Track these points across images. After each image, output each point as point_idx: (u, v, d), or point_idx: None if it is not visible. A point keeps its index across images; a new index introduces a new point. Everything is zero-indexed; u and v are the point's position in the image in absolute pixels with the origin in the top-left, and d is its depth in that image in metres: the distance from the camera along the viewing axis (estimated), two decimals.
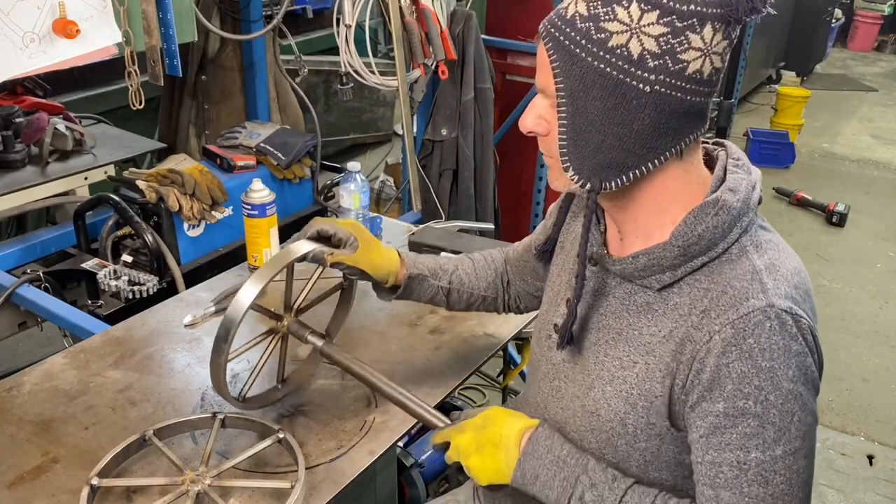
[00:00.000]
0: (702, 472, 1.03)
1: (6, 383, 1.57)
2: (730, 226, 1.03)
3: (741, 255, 1.04)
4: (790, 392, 0.98)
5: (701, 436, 1.02)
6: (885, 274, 4.36)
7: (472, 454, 1.15)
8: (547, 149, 1.10)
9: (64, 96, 3.17)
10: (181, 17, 1.89)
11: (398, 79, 2.67)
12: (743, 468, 0.99)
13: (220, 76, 2.93)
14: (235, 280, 1.97)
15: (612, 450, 1.12)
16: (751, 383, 0.97)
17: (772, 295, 0.99)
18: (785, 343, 0.98)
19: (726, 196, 1.04)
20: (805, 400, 1.00)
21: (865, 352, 3.62)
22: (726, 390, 0.98)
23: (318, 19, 4.06)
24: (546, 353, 1.24)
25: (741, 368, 0.98)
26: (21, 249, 2.19)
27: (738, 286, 1.01)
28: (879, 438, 3.09)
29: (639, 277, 1.09)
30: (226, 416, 1.41)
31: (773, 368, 0.97)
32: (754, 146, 5.75)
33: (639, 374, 1.07)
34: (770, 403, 0.98)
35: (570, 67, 0.99)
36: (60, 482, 1.31)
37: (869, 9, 9.14)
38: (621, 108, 0.98)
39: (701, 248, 1.03)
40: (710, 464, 1.01)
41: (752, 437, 0.98)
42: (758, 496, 0.99)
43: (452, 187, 3.18)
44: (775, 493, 0.99)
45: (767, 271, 1.02)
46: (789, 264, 1.05)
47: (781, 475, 0.99)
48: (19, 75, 1.67)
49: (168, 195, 2.05)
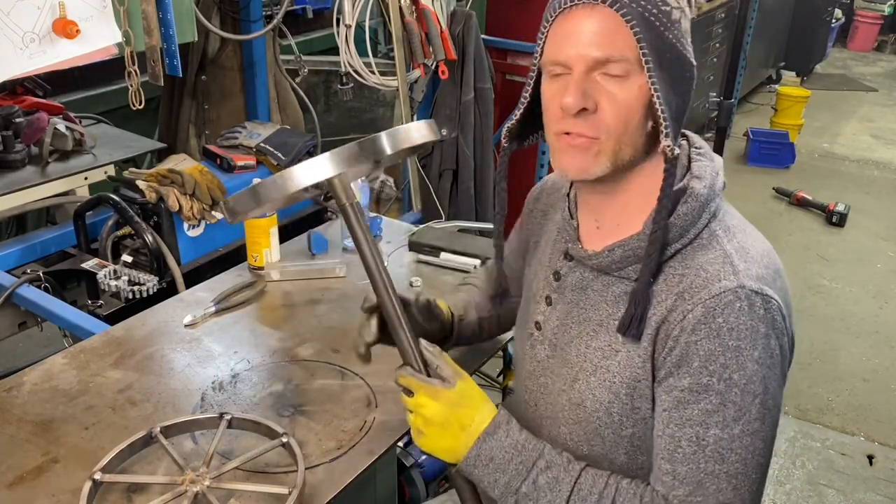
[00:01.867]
0: (661, 445, 1.05)
1: (6, 383, 1.57)
2: (699, 212, 1.06)
3: (711, 240, 1.06)
4: (754, 373, 1.00)
5: (664, 409, 1.05)
6: (885, 274, 4.36)
7: (434, 425, 1.12)
8: (593, 127, 1.01)
9: (64, 96, 3.17)
10: (181, 17, 1.89)
11: (398, 79, 2.67)
12: (701, 444, 1.01)
13: (220, 76, 2.93)
14: (235, 280, 1.97)
15: (601, 440, 1.13)
16: (716, 361, 1.00)
17: (742, 276, 1.01)
18: (753, 324, 1.00)
19: (693, 183, 1.06)
20: (768, 383, 1.02)
21: (865, 352, 3.62)
22: (693, 366, 1.01)
23: (318, 19, 4.05)
24: (529, 352, 1.25)
25: (708, 346, 1.00)
26: (21, 249, 2.19)
27: (710, 269, 1.03)
28: (879, 438, 3.09)
29: (616, 269, 1.10)
30: (233, 417, 1.41)
31: (739, 348, 0.99)
32: (754, 146, 5.75)
33: (621, 361, 1.09)
34: (733, 382, 1.00)
35: (649, 33, 0.98)
36: (60, 482, 1.31)
37: (869, 9, 9.14)
38: (681, 80, 1.02)
39: (674, 236, 1.05)
40: (670, 437, 1.04)
41: (713, 414, 1.01)
42: (713, 472, 1.01)
43: (452, 187, 3.18)
44: (730, 472, 1.01)
45: (737, 254, 1.04)
46: (758, 246, 1.08)
47: (738, 454, 1.01)
48: (19, 75, 1.67)
49: (168, 195, 2.05)
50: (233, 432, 1.42)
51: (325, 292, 1.94)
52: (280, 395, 1.55)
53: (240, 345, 1.71)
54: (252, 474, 1.33)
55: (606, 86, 1.00)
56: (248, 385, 1.58)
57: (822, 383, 3.38)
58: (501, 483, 1.09)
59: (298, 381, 1.59)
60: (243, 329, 1.78)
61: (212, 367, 1.63)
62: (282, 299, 1.92)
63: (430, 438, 1.13)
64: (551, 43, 1.03)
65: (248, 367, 1.63)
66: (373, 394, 1.54)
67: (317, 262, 2.06)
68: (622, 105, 1.00)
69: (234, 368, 1.62)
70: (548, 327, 1.21)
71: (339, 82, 2.76)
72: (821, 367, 3.47)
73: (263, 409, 1.50)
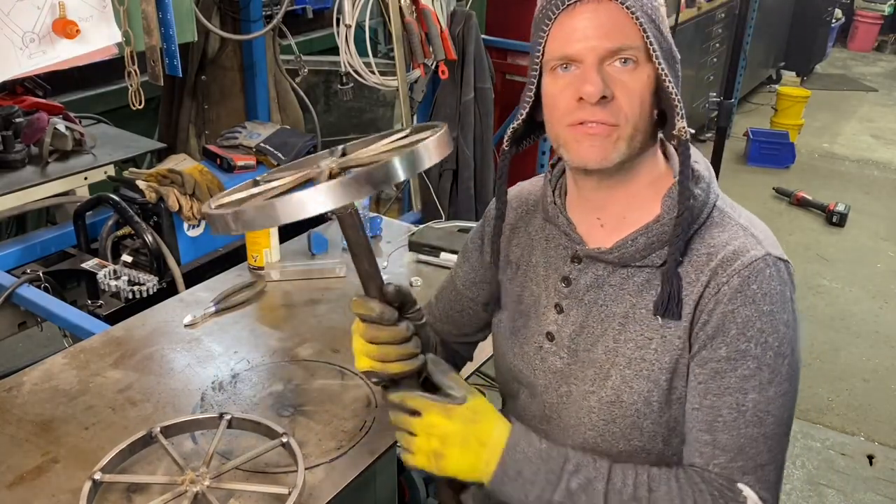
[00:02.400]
0: (698, 418, 1.07)
1: (6, 383, 1.57)
2: (707, 193, 1.11)
3: (723, 218, 1.11)
4: (784, 335, 1.04)
5: (700, 382, 1.06)
6: (885, 274, 4.36)
7: (453, 446, 1.08)
8: (612, 114, 1.04)
9: (64, 96, 3.17)
10: (181, 17, 1.89)
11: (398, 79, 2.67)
12: (741, 410, 1.04)
13: (220, 76, 2.93)
14: (235, 280, 1.97)
15: (639, 432, 1.13)
16: (753, 326, 1.03)
17: (766, 245, 1.07)
18: (781, 289, 1.05)
19: (696, 167, 1.12)
20: (794, 345, 1.06)
21: (865, 352, 3.62)
22: (730, 335, 1.04)
23: (318, 19, 4.05)
24: (540, 366, 1.22)
25: (745, 313, 1.03)
26: (21, 249, 2.19)
27: (736, 243, 1.07)
28: (879, 438, 3.09)
29: (639, 259, 1.11)
30: (232, 417, 1.41)
31: (772, 312, 1.04)
32: (754, 146, 5.74)
33: (657, 348, 1.09)
34: (768, 346, 1.04)
35: (651, 26, 1.03)
36: (60, 482, 1.31)
37: (869, 9, 9.14)
38: (675, 69, 1.06)
39: (693, 216, 1.09)
40: (709, 408, 1.05)
41: (750, 379, 1.04)
42: (752, 437, 1.04)
43: (452, 187, 3.18)
44: (767, 433, 1.05)
45: (752, 226, 1.10)
46: (756, 219, 1.15)
47: (774, 416, 1.05)
48: (19, 75, 1.67)
49: (168, 195, 2.05)
50: (233, 432, 1.42)
51: (325, 292, 1.94)
52: (280, 395, 1.55)
53: (240, 345, 1.71)
54: (252, 474, 1.33)
55: (618, 75, 1.03)
56: (248, 385, 1.58)
57: (822, 383, 3.38)
58: (533, 496, 1.07)
59: (298, 381, 1.59)
60: (243, 329, 1.78)
61: (212, 367, 1.63)
62: (282, 299, 1.92)
63: (452, 460, 1.09)
64: (555, 40, 1.05)
65: (248, 367, 1.63)
66: (373, 394, 1.54)
67: (317, 262, 2.07)
68: (635, 92, 1.04)
69: (234, 368, 1.62)
70: (563, 335, 1.19)
71: (339, 82, 2.76)
72: (821, 367, 3.47)
73: (263, 409, 1.50)
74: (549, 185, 1.23)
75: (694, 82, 5.63)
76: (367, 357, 1.11)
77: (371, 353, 1.11)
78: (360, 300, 1.09)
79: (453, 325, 1.42)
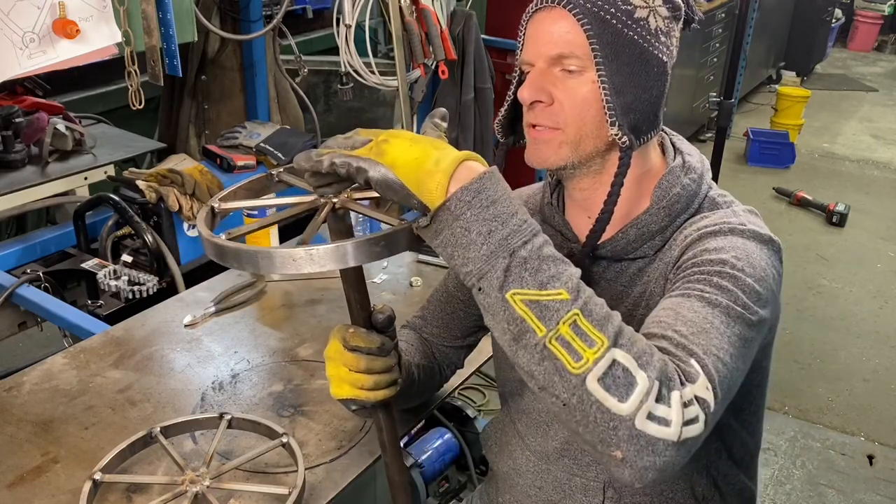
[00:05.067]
0: (667, 305, 0.97)
1: (6, 383, 1.57)
2: (698, 183, 1.14)
3: (713, 207, 1.14)
4: (765, 272, 1.01)
5: (680, 279, 1.01)
6: (885, 274, 4.36)
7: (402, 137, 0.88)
8: (550, 118, 1.07)
9: (64, 96, 3.17)
10: (181, 17, 1.89)
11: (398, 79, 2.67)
12: (712, 303, 0.95)
13: (220, 76, 2.93)
14: (235, 280, 1.97)
15: None
16: (733, 246, 1.02)
17: (745, 221, 1.08)
18: (758, 246, 1.04)
19: (688, 159, 1.15)
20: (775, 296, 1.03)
21: (865, 352, 3.61)
22: (707, 254, 1.02)
23: (318, 19, 4.05)
24: None
25: (722, 241, 1.03)
26: (21, 249, 2.19)
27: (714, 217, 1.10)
28: (879, 438, 3.09)
29: (631, 251, 1.13)
30: (232, 417, 1.41)
31: (747, 248, 1.02)
32: (754, 146, 5.74)
33: None
34: (746, 273, 0.98)
35: (603, 31, 1.04)
36: (60, 482, 1.31)
37: (869, 9, 9.13)
38: (644, 74, 1.07)
39: (682, 207, 1.12)
40: (680, 296, 0.97)
41: (725, 290, 0.96)
42: (718, 329, 0.93)
43: None
44: (731, 338, 0.93)
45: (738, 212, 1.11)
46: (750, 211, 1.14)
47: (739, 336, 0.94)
48: (19, 75, 1.67)
49: (168, 195, 2.05)
50: (233, 432, 1.42)
51: (325, 292, 1.94)
52: (280, 395, 1.55)
53: (240, 345, 1.71)
54: (252, 474, 1.33)
55: (564, 81, 1.06)
56: (248, 385, 1.58)
57: (822, 383, 3.38)
58: (497, 236, 0.83)
59: (298, 381, 1.59)
60: (243, 329, 1.78)
61: (212, 367, 1.63)
62: (282, 299, 1.92)
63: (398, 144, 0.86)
64: (524, 45, 1.12)
65: (248, 367, 1.63)
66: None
67: None
68: (577, 98, 1.06)
69: (234, 368, 1.62)
70: None
71: (339, 82, 2.76)
72: (821, 367, 3.47)
73: (263, 409, 1.50)
74: (549, 188, 1.25)
75: (694, 82, 5.63)
76: (354, 386, 1.09)
77: (362, 384, 1.09)
78: (357, 332, 1.07)
79: (444, 327, 1.41)
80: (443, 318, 1.41)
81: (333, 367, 1.10)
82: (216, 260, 0.96)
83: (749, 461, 1.25)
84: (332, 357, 1.09)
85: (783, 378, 3.37)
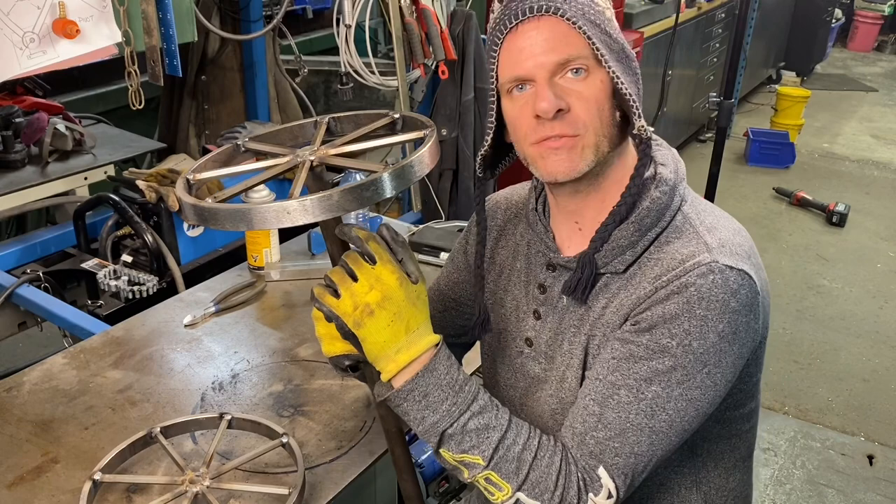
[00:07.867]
0: (595, 388, 1.06)
1: (6, 383, 1.57)
2: (670, 196, 1.10)
3: (685, 224, 1.10)
4: (713, 345, 1.02)
5: (613, 357, 1.06)
6: (885, 274, 4.36)
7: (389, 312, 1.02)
8: (570, 125, 1.04)
9: (64, 96, 3.17)
10: (181, 17, 1.89)
11: (398, 79, 2.67)
12: (639, 397, 1.03)
13: (220, 76, 2.94)
14: (235, 280, 1.97)
15: None
16: (681, 326, 1.02)
17: (716, 253, 1.04)
18: (724, 298, 1.02)
19: (660, 170, 1.11)
20: (722, 357, 1.03)
21: (865, 352, 3.61)
22: (656, 328, 1.03)
23: (318, 19, 4.06)
24: (520, 369, 1.23)
25: (676, 311, 1.02)
26: (21, 249, 2.19)
27: (685, 251, 1.06)
28: (879, 438, 3.09)
29: (602, 266, 1.11)
30: (232, 417, 1.41)
31: (705, 318, 1.01)
32: (754, 146, 5.74)
33: (599, 344, 1.10)
34: (690, 349, 1.02)
35: (595, 31, 1.03)
36: (60, 482, 1.31)
37: (869, 9, 9.13)
38: (630, 71, 1.06)
39: (651, 221, 1.08)
40: (611, 384, 1.05)
41: (661, 374, 1.02)
42: (639, 426, 1.03)
43: (452, 187, 3.18)
44: (654, 428, 1.03)
45: (710, 234, 1.08)
46: (729, 226, 1.12)
47: (668, 414, 1.03)
48: (19, 75, 1.67)
49: (168, 195, 2.05)
50: (233, 432, 1.42)
51: None
52: (280, 396, 1.55)
53: (240, 345, 1.71)
54: (252, 475, 1.33)
55: (572, 86, 1.04)
56: (248, 385, 1.58)
57: (822, 383, 3.38)
58: (429, 422, 1.04)
59: (298, 382, 1.59)
60: (243, 329, 1.78)
61: (212, 367, 1.63)
62: (282, 299, 1.92)
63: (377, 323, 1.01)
64: (505, 63, 1.06)
65: (248, 367, 1.63)
66: (373, 394, 1.54)
67: (317, 262, 2.06)
68: (591, 100, 1.04)
69: (234, 368, 1.62)
70: (540, 341, 1.19)
71: (339, 82, 2.76)
72: (821, 367, 3.47)
73: (263, 409, 1.50)
74: (534, 193, 1.23)
75: (694, 82, 5.63)
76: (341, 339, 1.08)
77: None
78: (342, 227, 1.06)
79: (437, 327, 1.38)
80: (435, 317, 1.40)
81: (323, 326, 1.09)
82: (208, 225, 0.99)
83: (742, 464, 1.24)
84: (319, 316, 1.08)
85: (783, 378, 3.37)
